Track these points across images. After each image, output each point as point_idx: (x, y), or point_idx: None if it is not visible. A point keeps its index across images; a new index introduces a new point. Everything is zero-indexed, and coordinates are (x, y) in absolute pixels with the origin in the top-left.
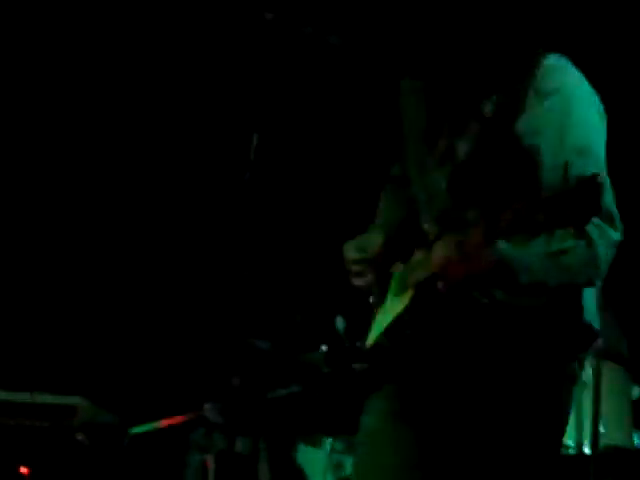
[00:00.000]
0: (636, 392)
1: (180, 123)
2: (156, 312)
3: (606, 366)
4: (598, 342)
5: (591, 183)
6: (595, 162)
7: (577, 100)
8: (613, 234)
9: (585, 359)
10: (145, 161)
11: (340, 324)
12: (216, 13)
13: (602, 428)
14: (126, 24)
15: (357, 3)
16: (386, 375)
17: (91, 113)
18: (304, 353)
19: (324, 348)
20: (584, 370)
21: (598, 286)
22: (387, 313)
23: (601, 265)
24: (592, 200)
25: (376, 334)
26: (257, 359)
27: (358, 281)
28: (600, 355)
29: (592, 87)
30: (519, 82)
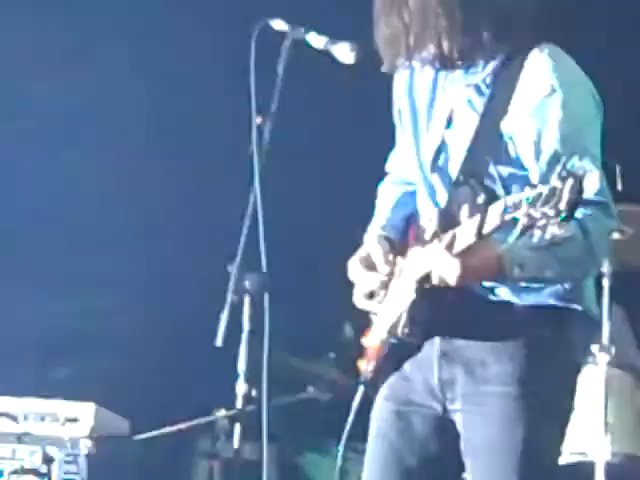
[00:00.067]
0: None
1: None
2: (158, 312)
3: (615, 374)
4: (612, 351)
5: (577, 174)
6: (583, 152)
7: (566, 91)
8: (608, 222)
9: (589, 347)
10: (146, 158)
11: (348, 331)
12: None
13: (610, 436)
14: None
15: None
16: (389, 374)
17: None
18: (312, 360)
19: (332, 355)
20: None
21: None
22: (388, 310)
23: (597, 255)
24: (578, 191)
25: (378, 331)
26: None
27: (369, 305)
28: (612, 364)
29: (586, 75)
30: (509, 73)
